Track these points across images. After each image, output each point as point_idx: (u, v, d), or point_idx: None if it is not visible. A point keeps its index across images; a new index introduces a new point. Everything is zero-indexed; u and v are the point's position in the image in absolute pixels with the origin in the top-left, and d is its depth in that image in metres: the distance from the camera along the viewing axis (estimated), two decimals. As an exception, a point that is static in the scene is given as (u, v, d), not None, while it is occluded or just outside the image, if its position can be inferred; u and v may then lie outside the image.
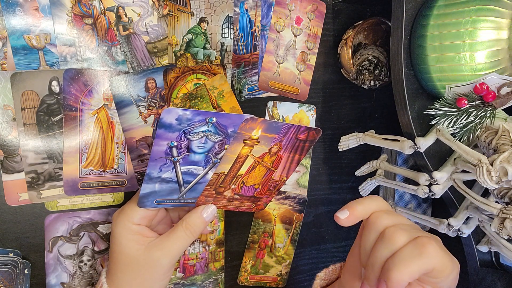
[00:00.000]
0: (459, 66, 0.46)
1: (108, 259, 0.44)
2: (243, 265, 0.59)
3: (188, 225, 0.43)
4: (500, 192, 0.45)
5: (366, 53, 0.58)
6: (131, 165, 0.49)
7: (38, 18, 0.43)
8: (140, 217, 0.42)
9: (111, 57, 0.47)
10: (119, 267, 0.42)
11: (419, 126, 0.51)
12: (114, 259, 0.43)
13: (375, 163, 0.62)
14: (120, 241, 0.42)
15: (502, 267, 0.58)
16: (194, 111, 0.36)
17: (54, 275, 0.47)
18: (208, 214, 0.44)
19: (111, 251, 0.43)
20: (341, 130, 0.63)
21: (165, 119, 0.35)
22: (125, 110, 0.47)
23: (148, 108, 0.48)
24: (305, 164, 0.61)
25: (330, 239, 0.66)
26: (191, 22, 0.50)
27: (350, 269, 0.41)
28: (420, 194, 0.53)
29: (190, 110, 0.36)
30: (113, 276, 0.43)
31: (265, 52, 0.55)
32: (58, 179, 0.46)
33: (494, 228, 0.43)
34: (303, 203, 0.61)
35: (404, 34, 0.49)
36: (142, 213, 0.42)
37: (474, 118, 0.46)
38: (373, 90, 0.65)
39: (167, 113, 0.35)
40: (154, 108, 0.49)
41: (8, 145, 0.44)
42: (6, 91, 0.43)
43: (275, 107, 0.58)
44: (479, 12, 0.44)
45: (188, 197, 0.43)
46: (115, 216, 0.43)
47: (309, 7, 0.57)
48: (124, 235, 0.42)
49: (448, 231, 0.54)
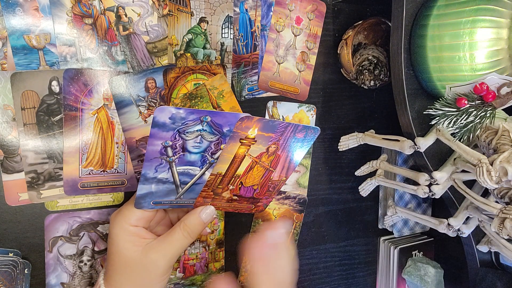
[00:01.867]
0: (459, 66, 0.46)
1: (106, 260, 0.44)
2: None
3: (186, 226, 0.42)
4: (500, 192, 0.45)
5: (366, 53, 0.58)
6: (131, 165, 0.49)
7: (38, 18, 0.43)
8: (137, 218, 0.42)
9: (111, 57, 0.47)
10: (117, 269, 0.42)
11: (419, 126, 0.51)
12: (112, 261, 0.42)
13: (375, 163, 0.62)
14: (118, 242, 0.42)
15: (502, 267, 0.58)
16: (187, 109, 0.35)
17: (54, 275, 0.47)
18: (206, 215, 0.44)
19: (109, 252, 0.43)
20: (341, 130, 0.63)
21: (158, 118, 0.35)
22: (125, 110, 0.47)
23: (148, 108, 0.48)
24: (305, 164, 0.61)
25: (330, 239, 0.66)
26: (191, 22, 0.50)
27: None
28: (420, 194, 0.53)
29: (183, 109, 0.35)
30: (111, 278, 0.43)
31: (265, 52, 0.55)
32: (58, 179, 0.46)
33: (494, 228, 0.43)
34: (303, 203, 0.61)
35: (404, 34, 0.49)
36: (139, 214, 0.42)
37: (474, 118, 0.46)
38: (373, 90, 0.65)
39: (160, 111, 0.35)
40: (154, 108, 0.49)
41: (8, 145, 0.44)
42: (6, 91, 0.43)
43: (275, 107, 0.58)
44: (479, 12, 0.44)
45: (185, 198, 0.42)
46: (113, 217, 0.43)
47: (309, 7, 0.57)
48: (121, 236, 0.42)
49: (448, 231, 0.54)
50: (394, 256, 0.67)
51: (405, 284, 0.68)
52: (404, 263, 0.68)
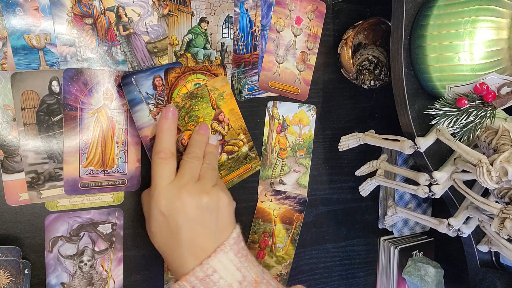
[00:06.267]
0: (459, 66, 0.46)
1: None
2: None
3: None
4: (500, 192, 0.45)
5: (366, 53, 0.58)
6: (132, 165, 0.49)
7: (38, 18, 0.43)
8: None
9: (111, 57, 0.47)
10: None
11: (419, 126, 0.51)
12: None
13: (375, 163, 0.62)
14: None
15: (502, 267, 0.58)
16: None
17: (54, 275, 0.47)
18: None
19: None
20: (341, 130, 0.63)
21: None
22: (137, 108, 0.48)
23: (156, 106, 0.49)
24: (305, 164, 0.61)
25: (330, 239, 0.66)
26: (191, 22, 0.50)
27: None
28: (420, 194, 0.53)
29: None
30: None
31: (265, 52, 0.55)
32: (58, 179, 0.46)
33: (494, 228, 0.43)
34: (303, 203, 0.61)
35: (404, 34, 0.49)
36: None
37: (474, 118, 0.46)
38: (373, 90, 0.65)
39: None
40: (162, 105, 0.49)
41: (8, 145, 0.44)
42: (6, 91, 0.43)
43: (275, 107, 0.58)
44: (479, 12, 0.44)
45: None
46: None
47: (309, 7, 0.57)
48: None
49: (448, 231, 0.54)
50: (394, 256, 0.67)
51: (405, 284, 0.68)
52: (404, 263, 0.68)
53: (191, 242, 0.43)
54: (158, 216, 0.43)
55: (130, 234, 0.51)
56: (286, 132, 0.59)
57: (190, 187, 0.44)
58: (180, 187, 0.44)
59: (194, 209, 0.43)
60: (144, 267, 0.52)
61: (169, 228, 0.43)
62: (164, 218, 0.43)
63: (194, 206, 0.43)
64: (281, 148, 0.59)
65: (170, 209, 0.43)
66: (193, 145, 0.49)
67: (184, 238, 0.43)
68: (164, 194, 0.43)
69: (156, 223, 0.44)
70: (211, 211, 0.44)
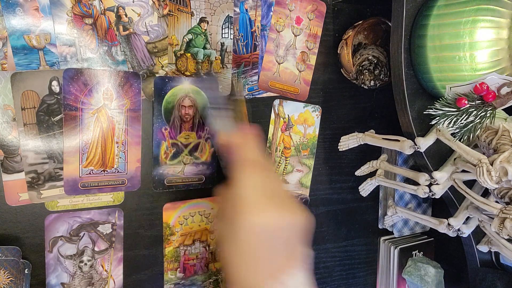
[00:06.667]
0: (459, 66, 0.46)
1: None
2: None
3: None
4: (500, 192, 0.45)
5: (366, 53, 0.58)
6: (132, 165, 0.49)
7: (38, 18, 0.43)
8: None
9: (111, 57, 0.47)
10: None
11: (419, 126, 0.51)
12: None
13: (375, 163, 0.62)
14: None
15: (502, 267, 0.58)
16: None
17: (54, 275, 0.47)
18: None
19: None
20: (341, 130, 0.63)
21: None
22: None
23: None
24: (308, 164, 0.61)
25: (330, 239, 0.66)
26: (191, 22, 0.50)
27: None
28: (420, 194, 0.53)
29: None
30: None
31: (265, 52, 0.55)
32: (58, 179, 0.46)
33: (494, 228, 0.43)
34: (305, 203, 0.61)
35: (404, 34, 0.49)
36: None
37: (474, 118, 0.46)
38: (373, 90, 0.65)
39: None
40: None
41: (8, 145, 0.44)
42: (6, 91, 0.43)
43: (281, 105, 0.58)
44: (479, 12, 0.44)
45: None
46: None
47: (309, 7, 0.57)
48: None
49: (448, 231, 0.54)
50: (394, 256, 0.67)
51: (405, 284, 0.68)
52: (404, 263, 0.68)
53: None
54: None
55: (130, 234, 0.51)
56: (291, 131, 0.59)
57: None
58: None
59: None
60: (144, 267, 0.52)
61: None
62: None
63: None
64: (285, 146, 0.59)
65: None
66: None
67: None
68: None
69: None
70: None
